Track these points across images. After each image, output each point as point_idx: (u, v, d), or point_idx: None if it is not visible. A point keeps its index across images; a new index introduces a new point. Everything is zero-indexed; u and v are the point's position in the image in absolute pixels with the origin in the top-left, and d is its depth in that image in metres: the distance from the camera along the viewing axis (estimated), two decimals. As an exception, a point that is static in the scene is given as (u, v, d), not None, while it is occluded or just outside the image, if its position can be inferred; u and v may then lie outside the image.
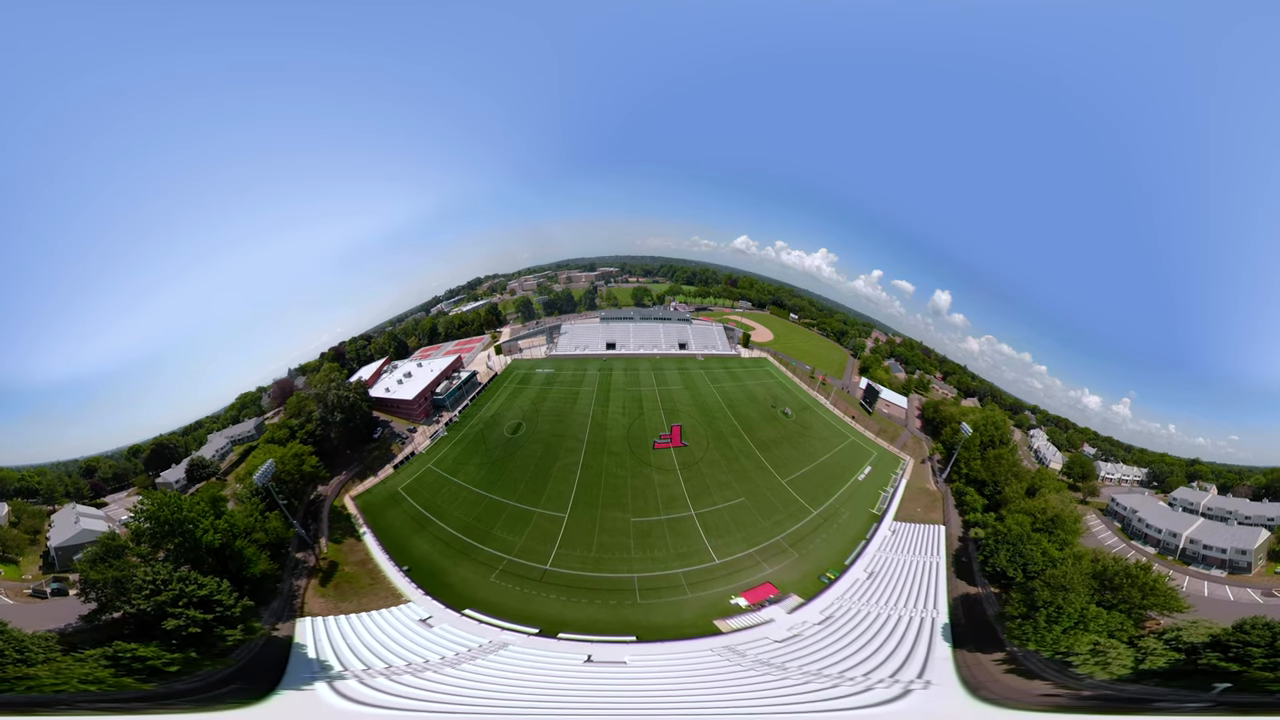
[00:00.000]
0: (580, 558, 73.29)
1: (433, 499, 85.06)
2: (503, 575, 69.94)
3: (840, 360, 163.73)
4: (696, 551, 76.08)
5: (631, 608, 65.35)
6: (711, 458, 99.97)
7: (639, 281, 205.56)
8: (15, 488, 77.04)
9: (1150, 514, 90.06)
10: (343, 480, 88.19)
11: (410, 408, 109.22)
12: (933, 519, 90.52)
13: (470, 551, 73.89)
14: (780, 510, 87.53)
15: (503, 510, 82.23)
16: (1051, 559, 63.62)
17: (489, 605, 64.26)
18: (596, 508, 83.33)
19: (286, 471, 75.01)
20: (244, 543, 61.54)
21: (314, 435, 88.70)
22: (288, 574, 65.56)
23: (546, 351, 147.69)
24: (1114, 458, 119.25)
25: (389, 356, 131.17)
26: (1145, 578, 55.84)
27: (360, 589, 65.18)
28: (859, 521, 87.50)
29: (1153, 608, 55.32)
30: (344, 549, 72.06)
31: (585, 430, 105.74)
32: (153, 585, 48.88)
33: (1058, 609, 53.06)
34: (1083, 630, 51.79)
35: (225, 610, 49.78)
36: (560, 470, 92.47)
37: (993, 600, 68.70)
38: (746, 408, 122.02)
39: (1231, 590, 71.86)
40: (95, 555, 52.00)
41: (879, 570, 75.32)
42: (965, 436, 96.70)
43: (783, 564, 75.13)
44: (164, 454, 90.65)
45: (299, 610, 60.24)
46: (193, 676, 45.54)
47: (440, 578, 69.14)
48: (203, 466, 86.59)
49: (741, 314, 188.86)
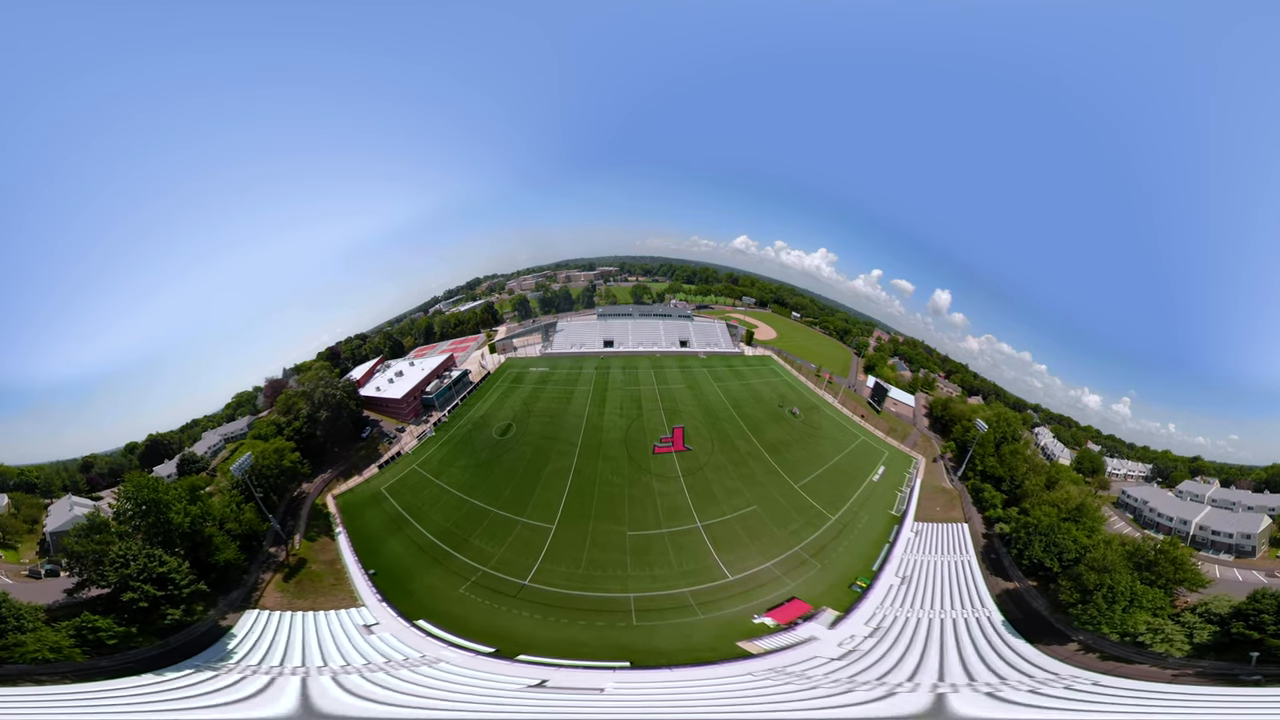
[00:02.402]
0: (566, 574, 69.10)
1: (414, 501, 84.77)
2: (474, 588, 67.12)
3: (844, 359, 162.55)
4: (705, 568, 71.23)
5: (625, 630, 61.38)
6: (718, 462, 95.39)
7: (638, 280, 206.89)
8: (15, 482, 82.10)
9: (1160, 504, 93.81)
10: (326, 478, 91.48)
11: (399, 407, 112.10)
12: (953, 517, 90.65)
13: (444, 559, 72.01)
14: (796, 518, 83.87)
15: (484, 517, 79.69)
16: (1084, 546, 66.92)
17: (447, 618, 61.51)
18: (588, 519, 78.87)
19: (266, 466, 78.19)
20: (214, 530, 64.95)
21: (300, 432, 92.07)
22: (256, 566, 68.60)
23: (541, 350, 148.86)
24: (1118, 454, 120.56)
25: (383, 355, 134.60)
26: (1175, 552, 61.35)
27: (322, 588, 66.99)
28: (879, 524, 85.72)
29: (1182, 583, 60.69)
30: (316, 547, 74.50)
31: (579, 433, 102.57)
32: (123, 559, 53.82)
33: (1110, 589, 57.09)
34: (1138, 608, 56.16)
35: (175, 589, 53.78)
36: (550, 476, 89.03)
37: (1033, 593, 69.98)
38: (753, 408, 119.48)
39: (1240, 572, 75.64)
40: (81, 530, 58.13)
41: (911, 574, 74.04)
42: (981, 433, 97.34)
43: (806, 576, 71.28)
44: (158, 450, 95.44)
45: (255, 603, 62.98)
46: (124, 654, 50.02)
47: (404, 584, 67.91)
48: (193, 462, 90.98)
49: (744, 312, 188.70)
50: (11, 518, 76.47)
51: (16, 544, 73.66)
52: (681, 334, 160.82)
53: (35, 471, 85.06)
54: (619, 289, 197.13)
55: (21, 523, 76.66)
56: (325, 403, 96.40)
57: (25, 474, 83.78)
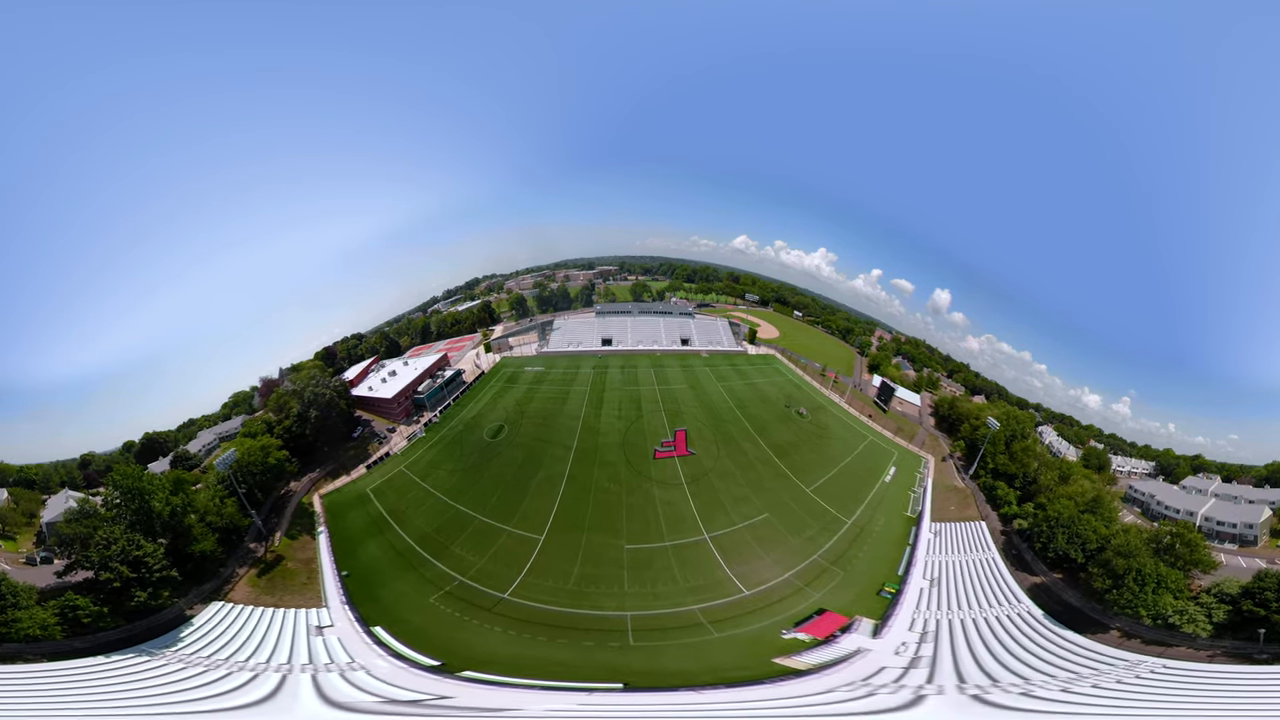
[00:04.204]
0: (551, 589, 65.98)
1: (398, 503, 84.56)
2: (446, 598, 65.26)
3: (847, 358, 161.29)
4: (716, 583, 67.86)
5: (618, 651, 57.89)
6: (724, 468, 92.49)
7: (638, 279, 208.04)
8: (15, 479, 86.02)
9: (1167, 497, 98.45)
10: (314, 478, 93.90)
11: (390, 407, 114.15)
12: (969, 516, 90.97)
13: (421, 566, 70.91)
14: (811, 524, 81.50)
15: (468, 524, 78.19)
16: (1104, 535, 70.65)
17: (407, 627, 59.65)
18: (581, 531, 75.92)
19: (251, 462, 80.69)
20: (195, 520, 68.12)
21: (290, 431, 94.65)
22: (234, 560, 71.18)
23: (537, 349, 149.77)
24: (1121, 452, 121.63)
25: (378, 355, 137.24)
26: (1189, 535, 66.66)
27: (292, 586, 68.71)
28: (896, 527, 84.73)
29: (1196, 565, 65.51)
30: (296, 545, 76.58)
31: (574, 436, 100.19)
32: (106, 541, 58.32)
33: (1138, 572, 61.38)
34: (1164, 590, 60.57)
35: (147, 573, 57.63)
36: (542, 483, 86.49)
37: (1060, 585, 72.15)
38: (759, 408, 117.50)
39: (1244, 560, 79.69)
40: (71, 514, 64.00)
41: (938, 575, 73.73)
42: (993, 431, 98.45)
43: (830, 586, 69.14)
44: (154, 448, 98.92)
45: (223, 595, 65.63)
46: (95, 636, 54.10)
47: (374, 589, 67.35)
48: (186, 459, 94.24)
49: (745, 311, 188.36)
50: (11, 510, 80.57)
51: (15, 535, 77.86)
52: (683, 332, 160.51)
53: (34, 470, 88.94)
54: (618, 287, 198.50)
55: (20, 515, 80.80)
56: (314, 402, 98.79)
57: (24, 471, 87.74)
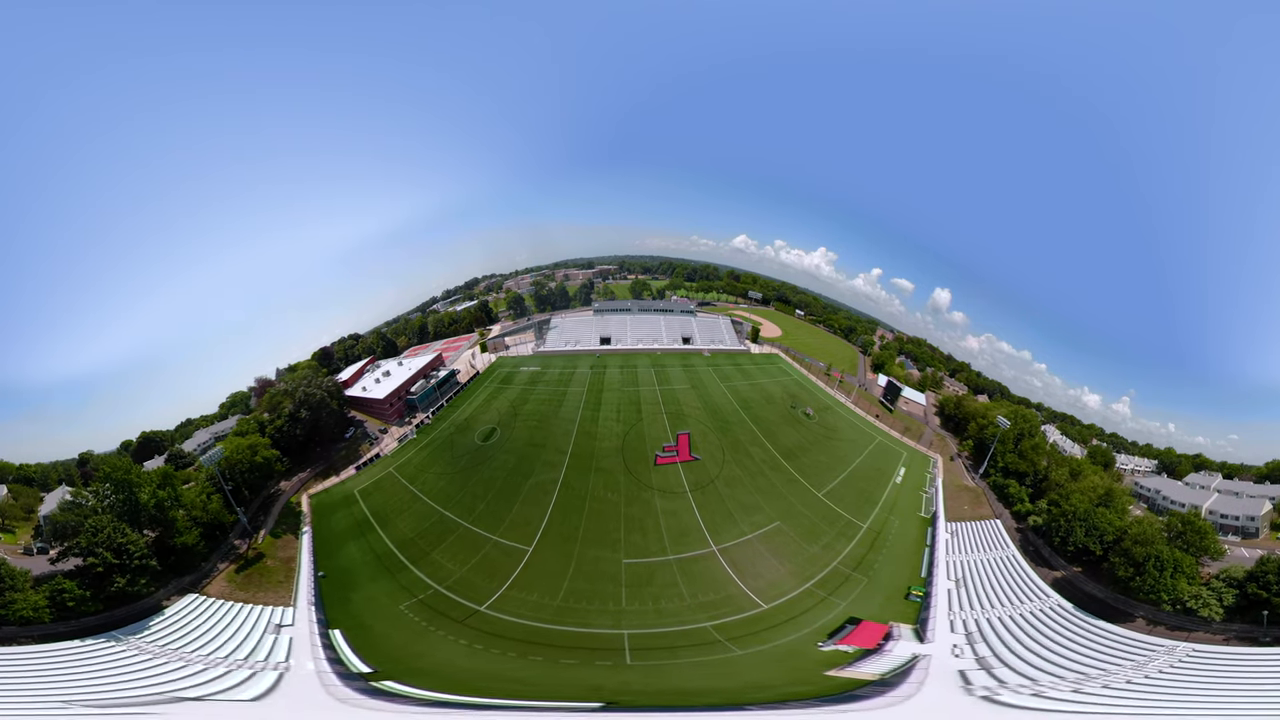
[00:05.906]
0: (535, 604, 62.89)
1: (384, 506, 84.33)
2: (418, 606, 63.28)
3: (850, 357, 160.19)
4: (729, 598, 64.96)
5: (610, 670, 54.59)
6: (731, 474, 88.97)
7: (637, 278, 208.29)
8: (14, 476, 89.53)
9: (1172, 492, 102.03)
10: (304, 477, 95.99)
11: (382, 407, 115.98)
12: (983, 514, 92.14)
13: (398, 571, 69.38)
14: (826, 530, 79.39)
15: (452, 531, 76.22)
16: (1120, 527, 73.79)
17: (367, 633, 58.31)
18: (574, 543, 72.51)
19: (239, 460, 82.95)
20: (180, 514, 70.77)
21: (281, 430, 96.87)
22: (217, 555, 73.51)
23: (534, 348, 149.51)
24: (1124, 450, 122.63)
25: (374, 355, 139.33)
26: (1199, 522, 70.34)
27: (269, 584, 70.26)
28: (912, 528, 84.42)
29: (1205, 551, 68.86)
30: (280, 544, 78.42)
31: (570, 440, 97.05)
32: (94, 529, 62.12)
33: (1157, 558, 65.16)
34: (1181, 574, 64.31)
35: (128, 560, 60.90)
36: (533, 490, 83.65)
37: (1081, 578, 74.76)
38: (764, 409, 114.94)
39: (1246, 551, 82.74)
40: (65, 504, 68.39)
41: (962, 575, 74.27)
42: (1002, 430, 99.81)
43: (855, 593, 67.60)
44: (150, 446, 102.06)
45: (200, 588, 67.89)
46: (79, 620, 57.89)
47: (346, 591, 66.90)
48: (180, 457, 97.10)
49: (747, 309, 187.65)
50: (11, 505, 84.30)
51: (15, 528, 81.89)
52: (684, 330, 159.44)
53: (34, 468, 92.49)
54: (618, 286, 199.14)
55: (20, 510, 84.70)
56: (306, 402, 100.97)
57: (24, 469, 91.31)
